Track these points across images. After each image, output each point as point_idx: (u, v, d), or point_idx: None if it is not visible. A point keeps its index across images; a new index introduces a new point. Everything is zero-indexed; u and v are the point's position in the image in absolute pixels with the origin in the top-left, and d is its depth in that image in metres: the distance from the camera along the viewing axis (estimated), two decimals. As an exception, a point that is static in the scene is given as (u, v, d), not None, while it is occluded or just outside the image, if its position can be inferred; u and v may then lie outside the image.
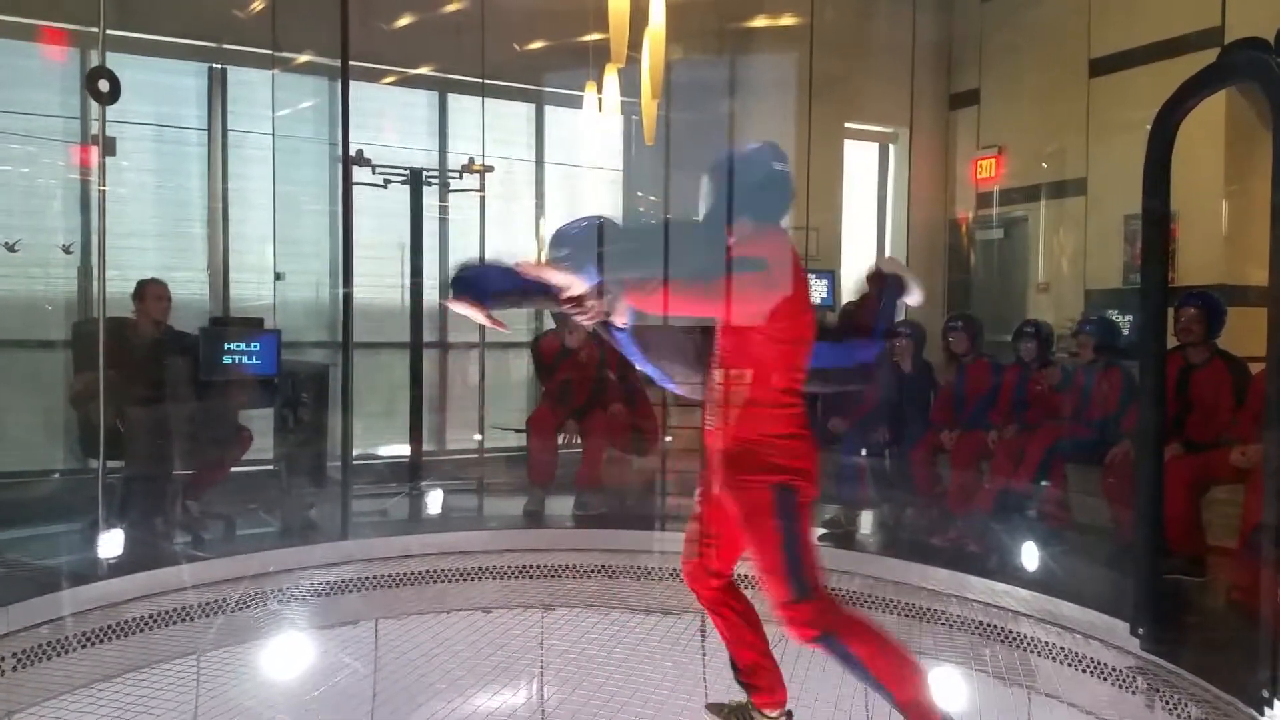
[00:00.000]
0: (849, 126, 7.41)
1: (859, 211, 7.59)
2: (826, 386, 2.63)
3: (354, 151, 5.25)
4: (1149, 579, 3.33)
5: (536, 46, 6.54)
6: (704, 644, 4.11)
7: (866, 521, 5.33)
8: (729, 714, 2.81)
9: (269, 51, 5.75)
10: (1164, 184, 3.31)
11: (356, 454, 5.20)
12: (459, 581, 4.50)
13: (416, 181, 5.77)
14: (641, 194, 6.92)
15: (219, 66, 6.01)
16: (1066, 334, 5.78)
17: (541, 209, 6.92)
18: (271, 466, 5.21)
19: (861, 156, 7.71)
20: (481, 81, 6.24)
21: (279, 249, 5.82)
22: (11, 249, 5.03)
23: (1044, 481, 4.74)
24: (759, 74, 6.84)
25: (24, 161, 5.33)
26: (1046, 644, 3.63)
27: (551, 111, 7.01)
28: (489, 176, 6.11)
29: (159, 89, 5.89)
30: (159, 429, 4.64)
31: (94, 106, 4.27)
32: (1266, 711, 2.73)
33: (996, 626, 3.84)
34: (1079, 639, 3.57)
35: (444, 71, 6.62)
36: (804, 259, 2.77)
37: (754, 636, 2.72)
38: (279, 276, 5.78)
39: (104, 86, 4.12)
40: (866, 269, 2.87)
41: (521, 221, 6.90)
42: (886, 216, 7.72)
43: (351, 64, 5.00)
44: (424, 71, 6.63)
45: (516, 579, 4.57)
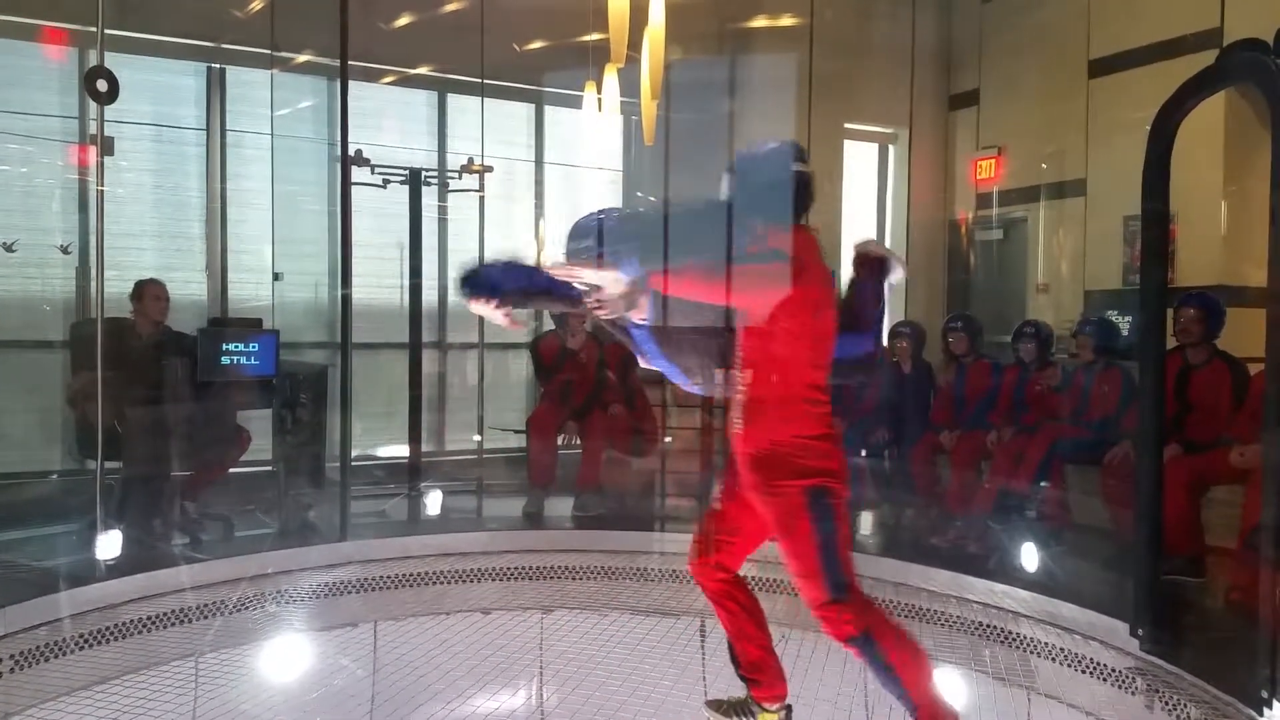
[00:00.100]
0: (848, 127, 7.40)
1: (858, 212, 7.58)
2: (834, 379, 2.63)
3: (353, 151, 5.24)
4: (1148, 580, 3.33)
5: (536, 46, 6.53)
6: (703, 645, 4.10)
7: (866, 522, 5.33)
8: (729, 709, 2.82)
9: (268, 51, 5.74)
10: (1163, 185, 3.31)
11: (355, 455, 5.19)
12: (458, 583, 4.50)
13: (416, 181, 5.76)
14: (641, 194, 6.92)
15: (218, 66, 6.00)
16: (1066, 335, 5.79)
17: (541, 209, 6.91)
18: (270, 467, 5.21)
19: (861, 157, 7.71)
20: (481, 81, 6.23)
21: (278, 249, 5.81)
22: (9, 249, 5.02)
23: (1043, 482, 4.74)
24: (759, 74, 6.83)
25: (22, 161, 5.33)
26: (1046, 645, 3.63)
27: (551, 111, 7.01)
28: (488, 177, 6.10)
29: (157, 89, 5.89)
30: (157, 430, 4.63)
31: (92, 106, 4.25)
32: (1265, 712, 2.73)
33: (996, 627, 3.84)
34: (1078, 640, 3.57)
35: (443, 71, 6.61)
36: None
37: (757, 630, 2.73)
38: (277, 277, 5.77)
39: (102, 86, 4.11)
40: (854, 255, 2.82)
41: (521, 222, 6.89)
42: (886, 217, 7.71)
43: (350, 64, 5.00)
44: (423, 71, 6.62)
45: (516, 580, 4.56)
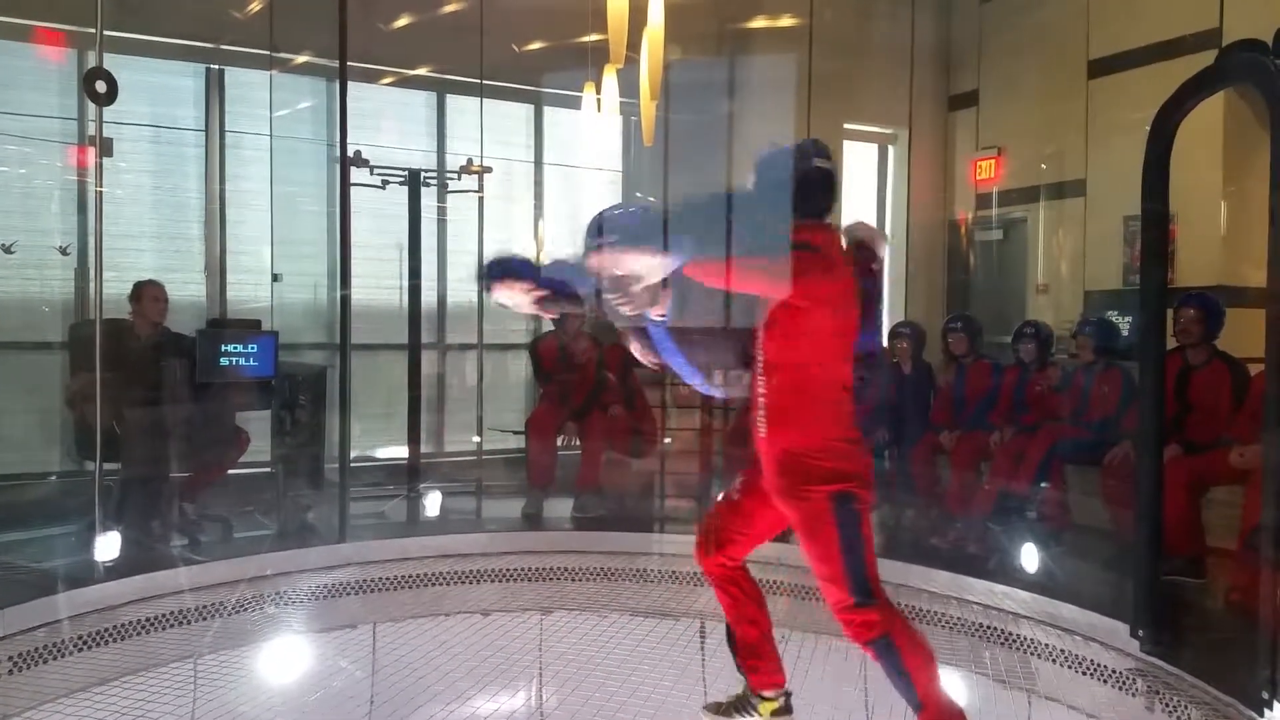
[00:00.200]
0: (848, 127, 7.40)
1: (858, 212, 7.57)
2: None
3: (352, 152, 5.24)
4: (1149, 580, 3.32)
5: (535, 47, 6.53)
6: (703, 647, 4.10)
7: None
8: (728, 708, 2.81)
9: (267, 52, 5.74)
10: (1163, 185, 3.31)
11: (354, 456, 5.19)
12: (457, 584, 4.50)
13: (415, 182, 5.75)
14: (640, 195, 6.91)
15: (216, 67, 6.00)
16: (1066, 335, 5.78)
17: (540, 210, 6.91)
18: (269, 469, 5.20)
19: (861, 157, 7.71)
20: (480, 82, 6.23)
21: (277, 250, 5.81)
22: (8, 250, 5.02)
23: (1043, 483, 4.74)
24: (758, 75, 6.83)
25: (21, 163, 5.32)
26: (1046, 646, 3.62)
27: (550, 112, 7.00)
28: (487, 177, 6.09)
29: (156, 90, 5.88)
30: (156, 431, 4.63)
31: (91, 107, 4.25)
32: (1266, 713, 2.73)
33: (996, 629, 3.83)
34: (1079, 641, 3.57)
35: (442, 72, 6.61)
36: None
37: (758, 615, 2.74)
38: (276, 278, 5.77)
39: (101, 87, 4.11)
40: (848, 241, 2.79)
41: (520, 223, 6.88)
42: (886, 217, 7.71)
43: (350, 64, 4.99)
44: (422, 72, 6.62)
45: (515, 582, 4.56)
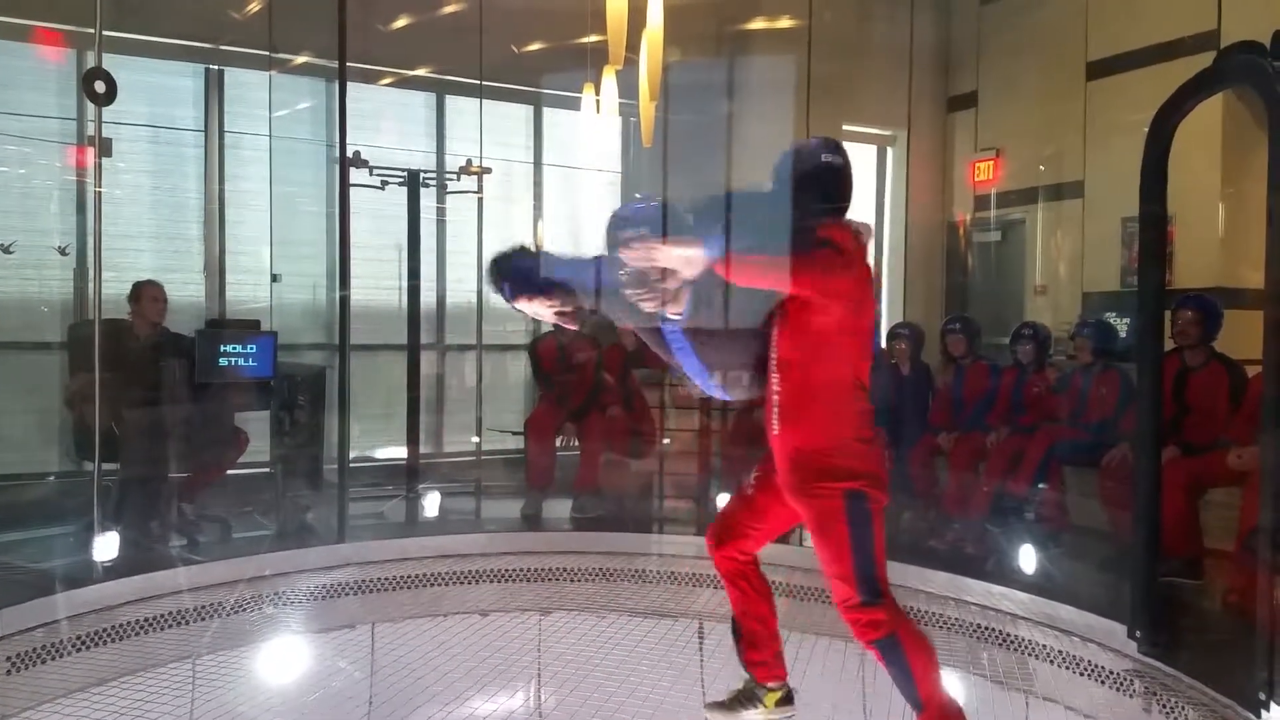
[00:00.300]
0: (847, 129, 7.39)
1: (857, 213, 7.57)
2: None
3: (351, 153, 5.24)
4: (1146, 582, 3.33)
5: (535, 48, 6.54)
6: (701, 647, 4.10)
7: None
8: (731, 703, 2.82)
9: (266, 52, 5.74)
10: (1161, 187, 3.31)
11: (353, 456, 5.19)
12: (456, 585, 4.50)
13: (414, 183, 5.75)
14: (640, 196, 6.91)
15: (216, 67, 6.00)
16: (1064, 336, 5.78)
17: (540, 211, 6.91)
18: (268, 469, 5.20)
19: (859, 159, 7.69)
20: (479, 83, 6.22)
21: (276, 250, 5.81)
22: (7, 251, 5.02)
23: (1041, 484, 4.74)
24: (757, 76, 6.83)
25: (20, 163, 5.32)
26: (1044, 647, 3.62)
27: (550, 113, 7.00)
28: (487, 178, 6.09)
29: (155, 90, 5.88)
30: (155, 431, 4.63)
31: (90, 107, 4.25)
32: (1263, 714, 2.73)
33: (994, 629, 3.83)
34: (1076, 642, 3.57)
35: (442, 73, 6.61)
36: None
37: (765, 610, 2.76)
38: (276, 278, 5.76)
39: (100, 87, 4.10)
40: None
41: (520, 224, 6.88)
42: (884, 218, 7.71)
43: (349, 65, 4.99)
44: (422, 73, 6.62)
45: (514, 582, 4.56)
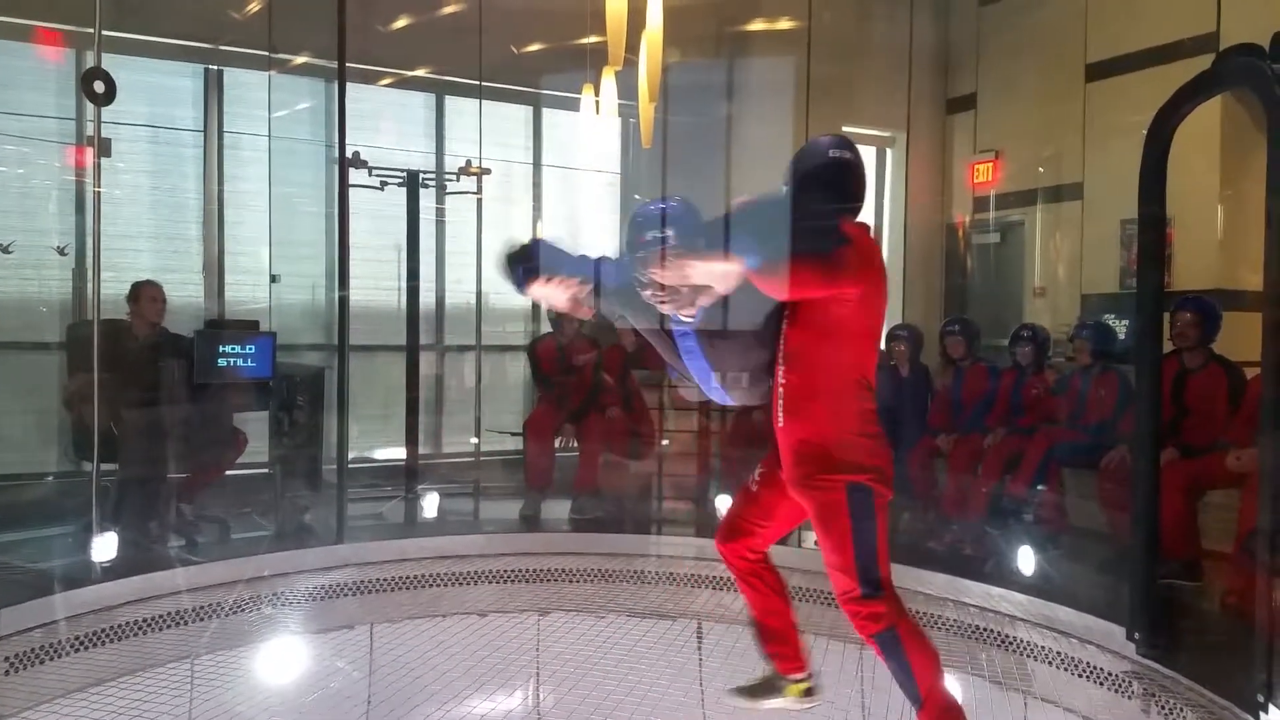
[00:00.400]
0: (846, 130, 7.38)
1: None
2: None
3: (350, 153, 5.24)
4: (1145, 583, 3.33)
5: (534, 49, 6.54)
6: (700, 647, 4.11)
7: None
8: (755, 690, 2.83)
9: (265, 53, 5.74)
10: (1160, 189, 3.31)
11: (352, 457, 5.19)
12: (454, 585, 4.49)
13: (413, 184, 5.75)
14: (639, 197, 6.92)
15: (215, 68, 6.00)
16: (1063, 338, 5.79)
17: (539, 212, 6.91)
18: (266, 470, 5.20)
19: (859, 160, 7.72)
20: (479, 84, 6.23)
21: (275, 251, 5.81)
22: (6, 250, 5.01)
23: (1040, 486, 4.74)
24: (756, 77, 6.84)
25: (19, 163, 5.32)
26: (1043, 648, 3.63)
27: (549, 114, 7.01)
28: (486, 179, 6.09)
29: (155, 90, 5.88)
30: (153, 432, 4.62)
31: (89, 108, 4.24)
32: (1262, 716, 2.73)
33: (993, 631, 3.83)
34: (1075, 643, 3.57)
35: (441, 73, 6.61)
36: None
37: (782, 605, 2.77)
38: (275, 279, 5.76)
39: (99, 88, 4.10)
40: None
41: (519, 224, 6.89)
42: (883, 220, 7.72)
43: (348, 65, 4.99)
44: (421, 73, 6.62)
45: (512, 583, 4.56)
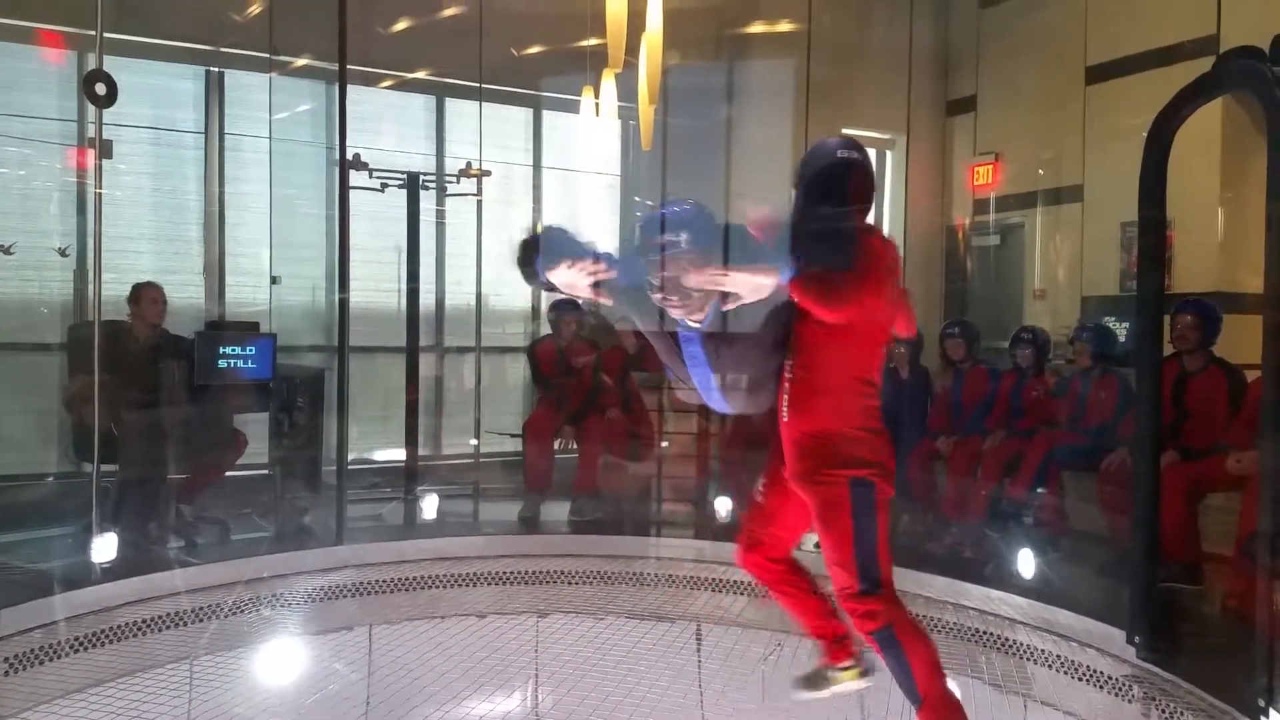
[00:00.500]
0: (846, 132, 7.39)
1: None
2: None
3: (351, 155, 5.24)
4: (1145, 586, 3.32)
5: (534, 51, 6.55)
6: (699, 649, 4.10)
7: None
8: (815, 678, 2.82)
9: (266, 55, 5.75)
10: (1160, 191, 3.31)
11: (352, 459, 5.19)
12: (454, 587, 4.49)
13: (413, 186, 5.75)
14: (639, 199, 6.93)
15: (216, 70, 6.01)
16: (1063, 340, 5.79)
17: (539, 214, 6.91)
18: (266, 471, 5.20)
19: (859, 162, 7.72)
20: (479, 86, 6.23)
21: (275, 253, 5.81)
22: (7, 252, 5.02)
23: (1040, 488, 4.74)
24: (756, 79, 6.85)
25: (20, 164, 5.33)
26: (1042, 651, 3.62)
27: (549, 116, 7.01)
28: (486, 181, 6.10)
29: (156, 92, 5.89)
30: (153, 433, 4.62)
31: (91, 109, 4.25)
32: (1262, 720, 2.73)
33: (993, 634, 3.83)
34: (1075, 647, 3.56)
35: (441, 75, 6.62)
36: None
37: (817, 603, 2.76)
38: (275, 280, 5.77)
39: (101, 89, 4.11)
40: None
41: (519, 226, 6.89)
42: (883, 222, 7.72)
43: (349, 68, 5.00)
44: (421, 75, 6.63)
45: (511, 585, 4.56)
